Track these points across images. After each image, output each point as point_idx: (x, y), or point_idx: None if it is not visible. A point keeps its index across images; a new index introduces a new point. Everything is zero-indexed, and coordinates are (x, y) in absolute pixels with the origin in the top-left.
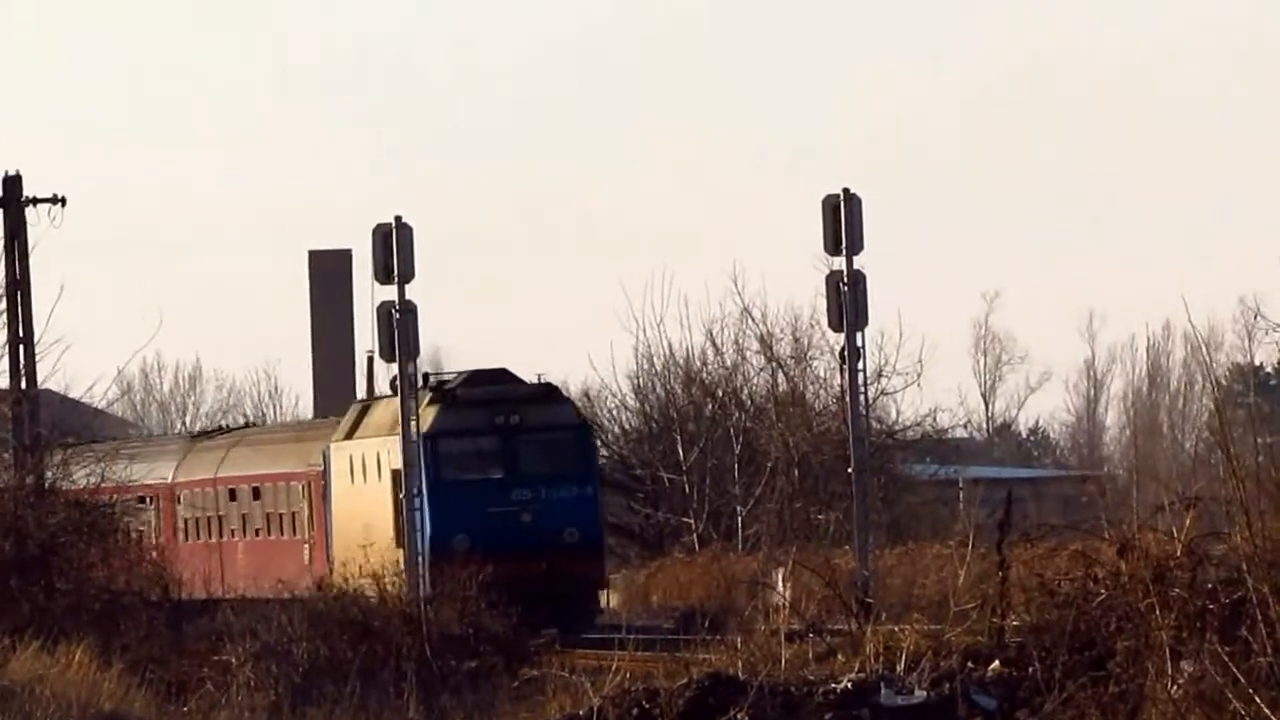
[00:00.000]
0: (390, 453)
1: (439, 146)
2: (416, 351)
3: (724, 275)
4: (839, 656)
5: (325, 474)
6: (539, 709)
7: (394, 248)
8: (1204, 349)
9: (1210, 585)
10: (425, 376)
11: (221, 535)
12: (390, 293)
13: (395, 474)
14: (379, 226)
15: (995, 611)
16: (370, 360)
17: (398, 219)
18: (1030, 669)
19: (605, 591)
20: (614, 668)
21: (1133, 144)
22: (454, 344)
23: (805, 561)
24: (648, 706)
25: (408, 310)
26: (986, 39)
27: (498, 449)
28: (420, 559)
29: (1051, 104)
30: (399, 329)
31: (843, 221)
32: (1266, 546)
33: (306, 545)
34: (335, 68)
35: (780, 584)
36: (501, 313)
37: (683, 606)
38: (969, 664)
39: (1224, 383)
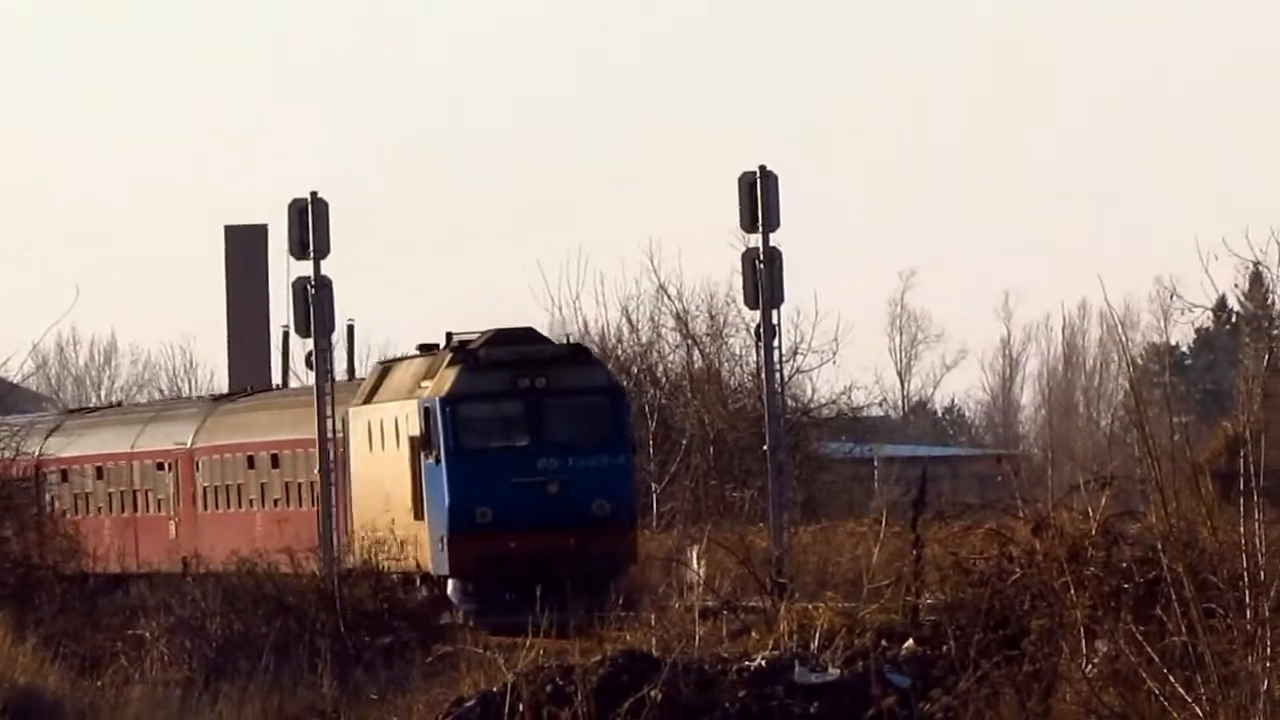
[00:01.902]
0: (409, 418)
1: (356, 122)
2: (332, 327)
3: (640, 253)
4: (753, 634)
5: (345, 441)
6: (453, 685)
7: (310, 223)
8: (1120, 328)
9: (1125, 564)
10: (448, 335)
11: (240, 505)
12: (306, 268)
13: (413, 441)
14: (295, 202)
15: (910, 590)
16: (286, 336)
17: (313, 194)
18: (945, 647)
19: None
20: (528, 644)
21: (1047, 123)
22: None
23: (720, 539)
24: (561, 684)
25: (323, 286)
26: (902, 18)
27: (522, 414)
28: (440, 535)
29: (965, 83)
30: (314, 305)
31: (759, 199)
32: (1181, 526)
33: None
34: (252, 45)
35: (695, 562)
36: (417, 290)
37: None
38: (883, 642)
39: (1140, 362)
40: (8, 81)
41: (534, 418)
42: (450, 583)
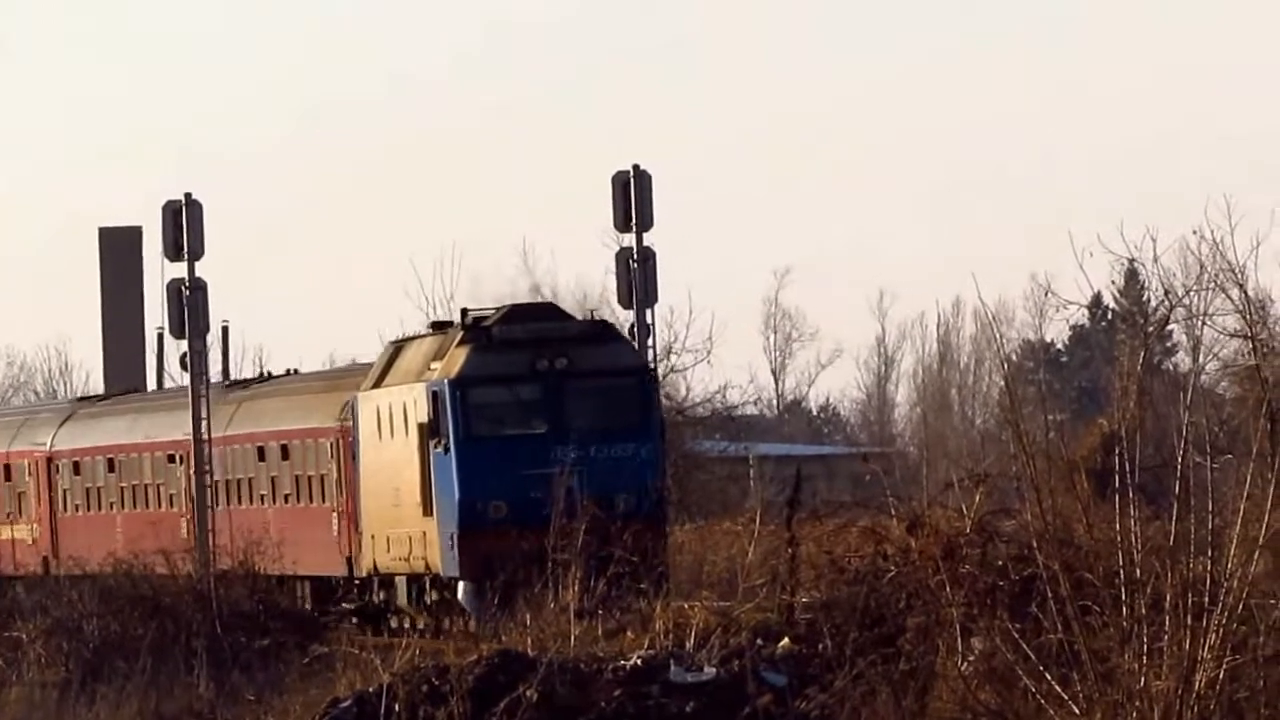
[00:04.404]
0: (417, 402)
1: (230, 124)
2: (206, 329)
3: (514, 253)
4: (629, 634)
5: (354, 429)
6: (329, 686)
7: (184, 225)
8: (993, 325)
9: (1000, 562)
10: (463, 312)
11: (252, 501)
12: (181, 270)
13: (422, 428)
14: (169, 203)
15: (785, 588)
16: (160, 337)
17: (188, 196)
18: (820, 646)
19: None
20: (404, 645)
21: (920, 119)
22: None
23: None
24: (437, 683)
25: (198, 287)
26: (774, 15)
27: (540, 398)
28: (450, 533)
29: (835, 79)
30: (189, 306)
31: (632, 198)
32: (1056, 523)
33: (335, 514)
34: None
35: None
36: (293, 290)
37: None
38: (759, 641)
39: (1014, 359)
40: None
41: (553, 402)
42: (461, 585)
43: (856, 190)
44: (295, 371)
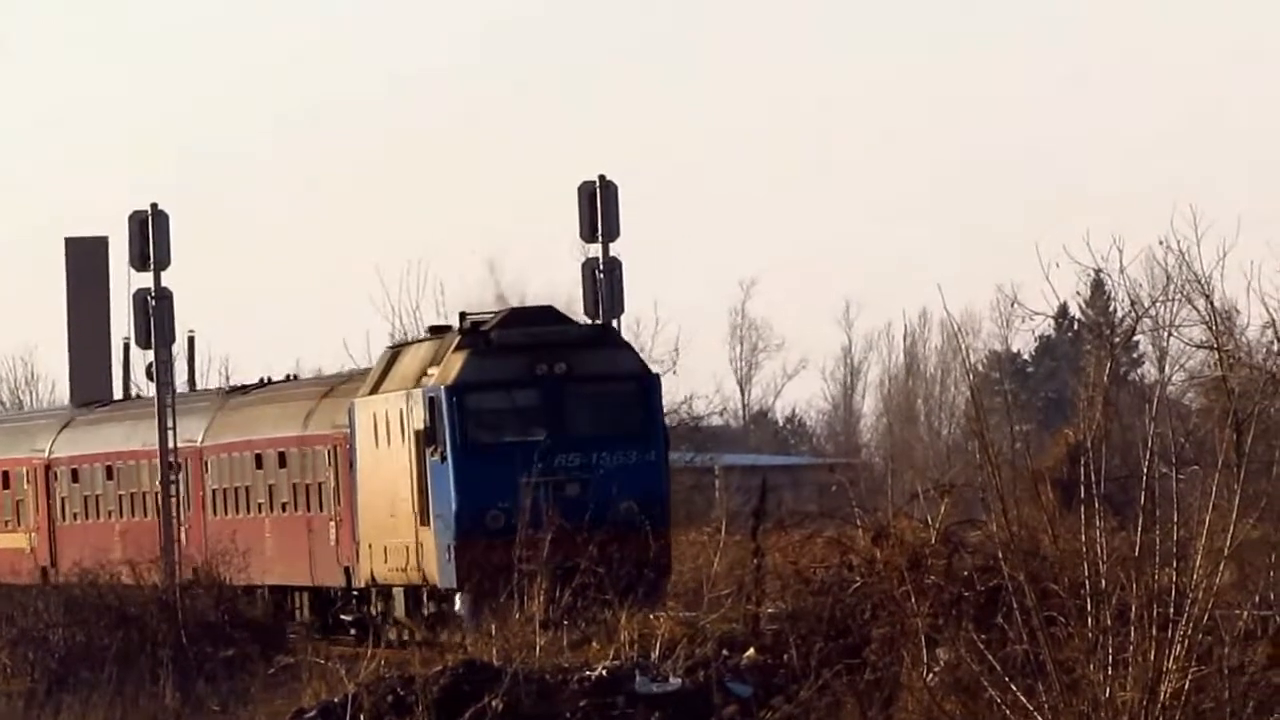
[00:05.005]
0: (414, 409)
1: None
2: (172, 339)
3: (481, 263)
4: (594, 644)
5: (351, 436)
6: (294, 696)
7: (150, 235)
8: (959, 336)
9: (966, 573)
10: (462, 315)
11: (249, 510)
12: (147, 280)
13: (418, 435)
14: (135, 214)
15: (750, 599)
16: (127, 347)
17: (154, 206)
18: (786, 656)
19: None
20: (369, 655)
21: (887, 130)
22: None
23: None
24: (403, 694)
25: (163, 297)
26: (742, 24)
27: (540, 404)
28: (446, 543)
29: (805, 90)
30: (155, 316)
31: (599, 208)
32: (1022, 534)
33: (333, 523)
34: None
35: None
36: (259, 300)
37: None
38: (724, 651)
39: (980, 370)
40: None
41: (553, 408)
42: (458, 597)
43: (822, 201)
44: (295, 377)
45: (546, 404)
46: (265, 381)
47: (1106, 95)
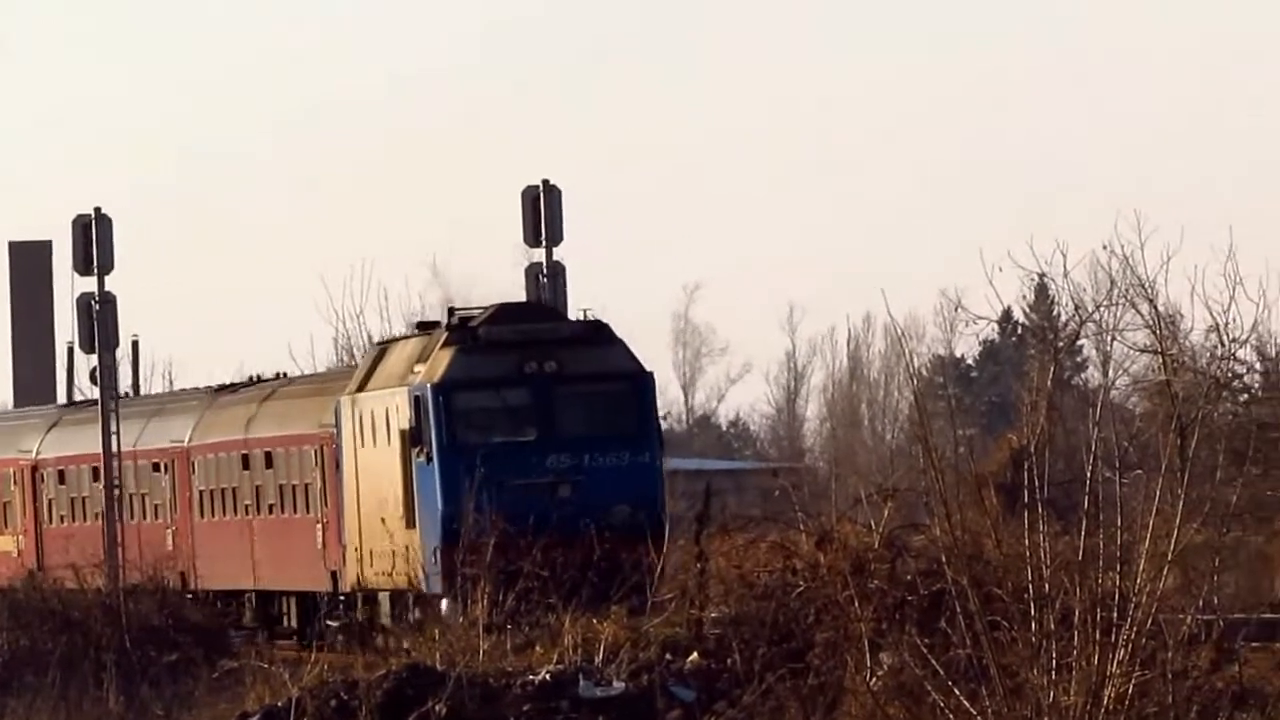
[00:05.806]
0: (400, 408)
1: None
2: (116, 343)
3: (424, 268)
4: (538, 648)
5: (337, 435)
6: (238, 701)
7: (94, 239)
8: (902, 341)
9: (909, 577)
10: (450, 311)
11: (236, 512)
12: (90, 284)
13: (404, 434)
14: (79, 218)
15: (694, 603)
16: (70, 351)
17: (97, 210)
18: (729, 661)
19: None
20: (313, 659)
21: (829, 135)
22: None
23: None
24: (346, 698)
25: (107, 301)
26: (684, 29)
27: (529, 403)
28: (432, 547)
29: (745, 95)
30: (98, 320)
31: (542, 213)
32: (965, 539)
33: (319, 525)
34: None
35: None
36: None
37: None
38: (668, 656)
39: (924, 374)
40: None
41: (543, 408)
42: (444, 603)
43: (766, 206)
44: (284, 375)
45: (536, 403)
46: (254, 380)
47: (1065, 98)
